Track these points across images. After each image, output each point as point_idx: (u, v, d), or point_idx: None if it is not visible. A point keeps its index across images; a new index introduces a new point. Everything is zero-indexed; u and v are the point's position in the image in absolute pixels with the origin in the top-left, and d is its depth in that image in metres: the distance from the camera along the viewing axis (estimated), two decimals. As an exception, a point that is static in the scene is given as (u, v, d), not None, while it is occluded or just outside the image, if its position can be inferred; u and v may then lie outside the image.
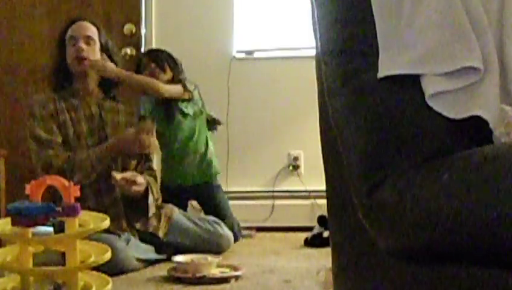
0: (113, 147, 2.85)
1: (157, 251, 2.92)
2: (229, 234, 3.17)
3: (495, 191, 0.83)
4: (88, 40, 2.94)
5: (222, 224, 3.19)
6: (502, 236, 0.82)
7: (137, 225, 2.92)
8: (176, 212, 3.08)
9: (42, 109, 2.85)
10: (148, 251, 2.88)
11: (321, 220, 3.40)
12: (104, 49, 3.01)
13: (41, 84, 3.93)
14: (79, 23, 3.00)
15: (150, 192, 2.90)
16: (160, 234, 2.96)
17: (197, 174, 3.46)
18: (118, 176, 2.77)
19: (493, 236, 0.83)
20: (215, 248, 3.05)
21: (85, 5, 4.06)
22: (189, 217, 3.14)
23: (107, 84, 3.02)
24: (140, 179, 2.83)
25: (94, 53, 2.95)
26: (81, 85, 2.95)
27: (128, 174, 2.81)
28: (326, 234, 3.14)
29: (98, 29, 3.02)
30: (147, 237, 2.93)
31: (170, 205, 3.13)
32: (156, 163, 3.45)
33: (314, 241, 3.27)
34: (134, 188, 2.80)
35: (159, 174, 3.25)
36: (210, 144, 3.52)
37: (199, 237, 3.05)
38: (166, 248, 2.94)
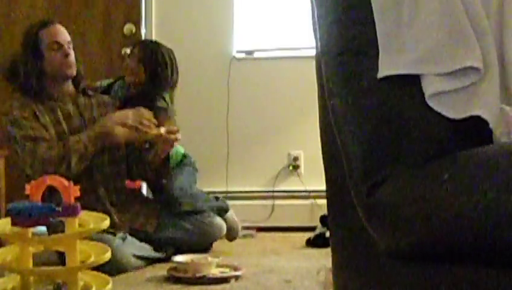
0: (102, 127, 2.85)
1: (155, 250, 2.92)
2: (219, 222, 3.14)
3: (495, 191, 0.83)
4: (69, 45, 2.94)
5: (211, 213, 3.18)
6: (502, 236, 0.82)
7: (126, 220, 2.93)
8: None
9: (23, 112, 2.82)
10: (145, 248, 2.89)
11: (324, 220, 3.39)
12: None
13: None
14: (56, 27, 2.94)
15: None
16: (150, 229, 2.96)
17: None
18: (161, 129, 2.85)
19: (493, 236, 0.83)
20: (208, 237, 3.07)
21: (85, 5, 4.06)
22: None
23: (77, 81, 3.01)
24: (176, 127, 2.93)
25: (73, 56, 2.95)
26: (58, 88, 2.92)
27: (168, 127, 2.89)
28: (328, 234, 3.11)
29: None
30: (141, 236, 2.93)
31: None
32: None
33: (317, 241, 3.27)
34: (178, 136, 2.89)
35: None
36: None
37: (188, 229, 3.05)
38: (163, 246, 2.94)
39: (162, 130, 2.85)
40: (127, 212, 2.96)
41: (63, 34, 2.95)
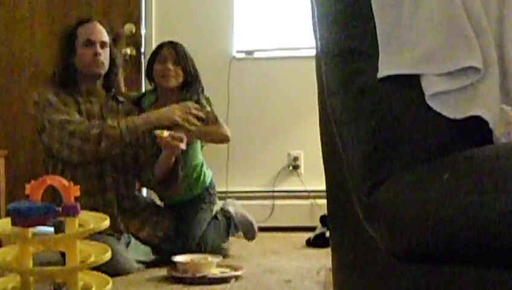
0: (150, 119, 2.83)
1: (157, 252, 2.91)
2: (225, 246, 3.09)
3: (495, 191, 0.83)
4: (103, 45, 2.95)
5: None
6: (502, 236, 0.82)
7: (132, 228, 2.90)
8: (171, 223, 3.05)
9: (57, 97, 2.85)
10: (147, 253, 2.87)
11: (324, 220, 3.39)
12: (110, 51, 3.01)
13: (42, 84, 3.93)
14: (93, 25, 2.96)
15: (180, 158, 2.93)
16: (155, 241, 2.93)
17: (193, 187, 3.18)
18: (164, 133, 2.75)
19: (493, 236, 0.83)
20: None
21: (85, 5, 4.06)
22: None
23: (109, 84, 3.02)
24: (183, 135, 2.82)
25: (107, 57, 2.96)
26: (88, 86, 2.94)
27: (172, 132, 2.79)
28: (328, 234, 3.10)
29: (106, 31, 3.02)
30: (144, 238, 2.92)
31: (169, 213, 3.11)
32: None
33: (317, 242, 3.27)
34: (182, 145, 2.79)
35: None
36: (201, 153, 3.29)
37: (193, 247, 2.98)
38: (165, 251, 2.91)
39: (166, 133, 2.76)
40: (134, 219, 2.93)
41: (98, 33, 2.95)
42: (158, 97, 3.15)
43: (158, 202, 3.27)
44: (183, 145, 2.78)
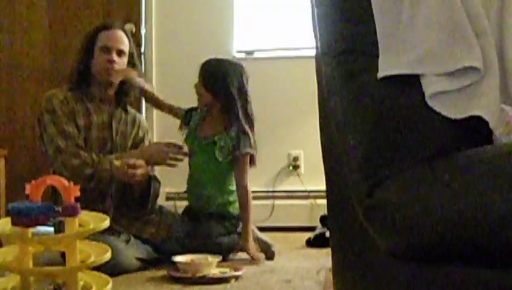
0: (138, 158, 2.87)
1: (158, 252, 2.90)
2: (228, 244, 3.04)
3: (495, 191, 0.83)
4: (120, 53, 2.95)
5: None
6: (502, 236, 0.82)
7: (134, 229, 2.90)
8: (177, 222, 3.04)
9: (62, 106, 2.84)
10: (147, 251, 2.87)
11: (323, 220, 3.39)
12: (130, 59, 3.01)
13: (41, 84, 3.94)
14: (113, 32, 2.96)
15: (151, 183, 2.92)
16: (157, 241, 2.92)
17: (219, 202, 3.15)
18: (117, 162, 2.76)
19: (493, 236, 0.83)
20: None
21: (85, 4, 4.06)
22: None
23: (122, 94, 3.02)
24: (140, 161, 2.81)
25: (123, 65, 2.96)
26: (100, 92, 2.94)
27: (127, 160, 2.80)
28: (328, 234, 3.08)
29: (128, 38, 3.02)
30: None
31: (172, 212, 3.10)
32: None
33: (317, 242, 3.27)
34: (139, 171, 2.79)
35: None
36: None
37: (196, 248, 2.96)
38: (165, 250, 2.91)
39: (117, 163, 2.77)
40: (135, 221, 2.93)
41: (117, 41, 2.95)
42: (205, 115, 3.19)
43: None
44: (141, 171, 2.79)
